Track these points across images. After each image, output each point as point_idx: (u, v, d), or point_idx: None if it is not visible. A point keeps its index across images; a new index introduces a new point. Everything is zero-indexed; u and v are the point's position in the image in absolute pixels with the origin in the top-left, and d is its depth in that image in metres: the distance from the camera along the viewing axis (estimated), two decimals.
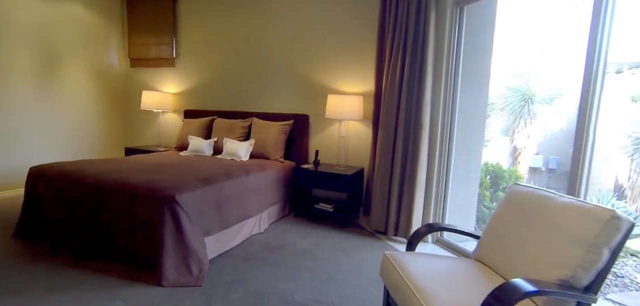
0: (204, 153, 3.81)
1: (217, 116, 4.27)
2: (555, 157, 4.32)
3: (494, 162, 3.84)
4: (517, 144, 4.56)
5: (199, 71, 4.54)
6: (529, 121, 4.47)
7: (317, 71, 3.81)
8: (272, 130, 3.71)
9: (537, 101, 4.38)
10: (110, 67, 4.85)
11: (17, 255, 2.41)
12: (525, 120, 4.47)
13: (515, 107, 4.47)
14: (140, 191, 2.27)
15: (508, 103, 4.56)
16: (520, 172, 3.98)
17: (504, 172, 3.60)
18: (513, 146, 4.61)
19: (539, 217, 1.45)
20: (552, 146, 4.46)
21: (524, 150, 4.55)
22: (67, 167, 2.71)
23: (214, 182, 2.57)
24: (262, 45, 4.09)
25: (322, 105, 3.76)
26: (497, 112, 4.71)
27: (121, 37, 4.97)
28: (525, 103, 4.45)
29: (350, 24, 3.59)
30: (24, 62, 3.87)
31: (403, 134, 2.93)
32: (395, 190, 2.98)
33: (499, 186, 3.53)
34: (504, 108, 4.63)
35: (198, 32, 4.49)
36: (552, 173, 4.47)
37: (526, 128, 4.50)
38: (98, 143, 4.76)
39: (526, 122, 4.44)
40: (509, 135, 4.64)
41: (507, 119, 4.61)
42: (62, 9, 4.20)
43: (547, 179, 4.50)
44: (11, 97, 3.78)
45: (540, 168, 4.52)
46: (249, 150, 3.65)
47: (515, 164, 4.52)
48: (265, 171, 3.23)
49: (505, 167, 3.94)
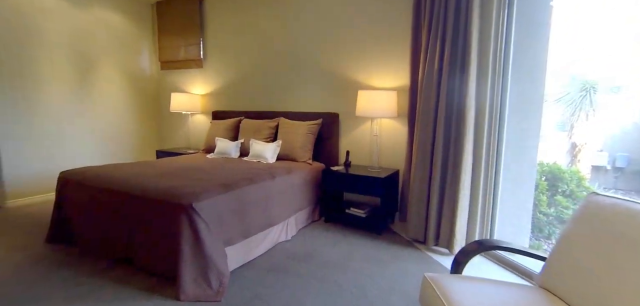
0: (230, 156, 3.70)
1: (244, 117, 4.16)
2: (624, 154, 3.73)
3: (550, 161, 3.37)
4: (577, 140, 4.01)
5: (226, 71, 4.45)
6: (590, 113, 3.90)
7: (347, 66, 3.56)
8: (300, 131, 3.51)
9: (602, 90, 3.81)
10: (142, 71, 4.92)
11: (46, 260, 2.40)
12: (587, 112, 3.90)
13: (573, 97, 3.92)
14: (159, 198, 2.16)
15: (565, 94, 4.02)
16: (583, 172, 3.45)
17: (563, 173, 3.12)
18: (571, 142, 4.06)
19: (633, 239, 1.10)
20: (619, 141, 3.86)
21: (585, 147, 3.98)
22: (93, 172, 2.68)
23: (236, 188, 2.40)
24: (289, 41, 3.90)
25: (352, 102, 3.50)
26: (550, 104, 4.17)
27: (152, 40, 5.02)
28: (586, 93, 3.89)
29: (381, 12, 3.29)
30: (61, 68, 3.99)
31: (443, 132, 2.60)
32: (435, 194, 2.66)
33: (557, 189, 3.07)
34: (560, 100, 4.08)
35: (224, 31, 4.40)
36: (620, 172, 3.87)
37: (587, 121, 3.93)
38: (131, 146, 4.84)
39: (588, 114, 3.88)
40: (566, 130, 4.09)
41: (563, 112, 4.07)
42: (96, 16, 4.29)
43: (613, 179, 3.91)
44: (49, 102, 3.90)
45: (605, 166, 3.94)
46: (275, 152, 3.48)
47: (574, 162, 3.97)
48: (292, 174, 3.03)
49: (564, 166, 3.44)
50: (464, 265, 1.44)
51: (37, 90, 3.79)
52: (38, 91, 3.80)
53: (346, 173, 3.13)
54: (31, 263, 2.37)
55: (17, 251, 2.55)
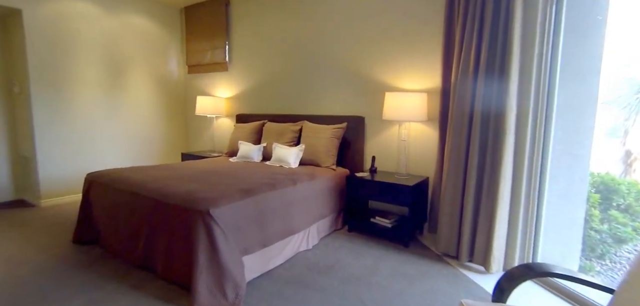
0: (252, 160, 3.63)
1: (267, 120, 4.09)
2: None
3: (601, 171, 3.01)
4: (632, 147, 3.59)
5: (251, 74, 4.41)
6: None
7: (374, 66, 3.39)
8: (324, 135, 3.38)
9: None
10: (170, 75, 4.99)
11: (69, 261, 2.41)
12: None
13: (628, 99, 3.51)
14: (176, 203, 2.10)
15: (617, 97, 3.61)
16: None
17: (619, 184, 2.77)
18: (625, 150, 3.64)
19: None
20: None
21: None
22: (116, 175, 2.68)
23: (255, 194, 2.30)
24: (314, 42, 3.79)
25: (379, 105, 3.33)
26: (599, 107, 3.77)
27: (180, 45, 5.09)
28: None
29: (411, 8, 3.10)
30: (94, 72, 4.10)
31: (479, 137, 2.37)
32: (469, 204, 2.43)
33: (611, 202, 2.72)
34: (610, 102, 3.68)
35: (249, 34, 4.37)
36: None
37: None
38: (158, 148, 4.92)
39: None
40: (619, 136, 3.67)
41: (616, 116, 3.66)
42: (128, 21, 4.39)
43: None
44: (82, 105, 4.02)
45: None
46: (298, 157, 3.36)
47: (629, 173, 3.56)
48: (315, 180, 2.90)
49: (618, 177, 3.07)
50: (510, 292, 1.24)
51: (72, 93, 3.92)
52: (72, 94, 3.92)
53: (371, 180, 2.96)
54: (55, 263, 2.38)
55: (43, 251, 2.59)
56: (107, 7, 4.18)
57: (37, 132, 3.67)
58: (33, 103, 3.63)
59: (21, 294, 2.01)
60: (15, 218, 3.33)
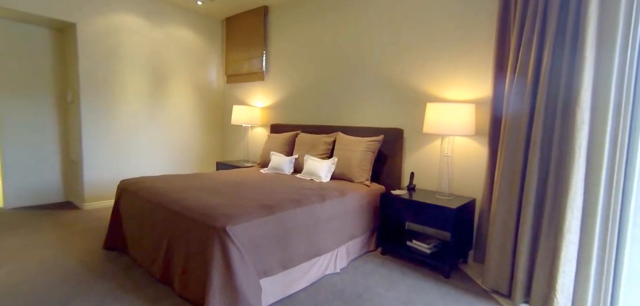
0: (283, 172, 3.49)
1: (301, 131, 3.95)
2: None
3: None
4: None
5: (287, 83, 4.32)
6: None
7: (414, 75, 3.10)
8: (358, 147, 3.15)
9: None
10: (210, 84, 5.08)
11: (96, 268, 2.41)
12: None
13: None
14: (194, 217, 1.99)
15: None
16: None
17: None
18: None
19: None
20: None
21: None
22: (145, 183, 2.67)
23: (278, 211, 2.13)
24: (351, 50, 3.60)
25: (419, 116, 3.04)
26: None
27: (220, 55, 5.17)
28: None
29: (457, 10, 2.79)
30: (137, 81, 4.27)
31: (539, 155, 2.00)
32: (526, 234, 2.05)
33: None
34: None
35: (286, 43, 4.29)
36: None
37: None
38: (194, 157, 4.99)
39: None
40: None
41: None
42: (171, 33, 4.54)
43: None
44: (125, 113, 4.18)
45: None
46: (330, 170, 3.16)
47: None
48: (346, 196, 2.68)
49: None
50: None
51: (117, 101, 4.09)
52: (117, 102, 4.10)
53: (409, 199, 2.66)
54: (82, 270, 2.40)
55: (74, 255, 2.63)
56: (154, 20, 4.34)
57: (85, 137, 3.87)
58: (82, 111, 3.83)
59: (42, 300, 2.01)
60: (59, 219, 3.50)
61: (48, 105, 4.08)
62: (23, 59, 3.86)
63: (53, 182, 4.17)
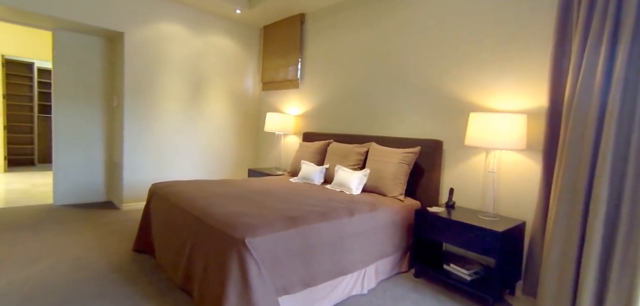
0: (313, 182, 3.37)
1: (333, 140, 3.82)
2: None
3: None
4: None
5: (320, 91, 4.22)
6: None
7: (456, 82, 2.85)
8: (392, 159, 2.94)
9: None
10: (246, 91, 5.13)
11: (123, 271, 2.43)
12: None
13: None
14: (215, 225, 1.91)
15: None
16: None
17: None
18: None
19: None
20: None
21: None
22: (175, 188, 2.68)
23: (302, 223, 2.00)
24: (388, 58, 3.42)
25: (461, 127, 2.78)
26: None
27: (257, 62, 5.21)
28: None
29: (506, 11, 2.52)
30: (177, 88, 4.40)
31: (610, 172, 1.70)
32: (591, 269, 1.74)
33: None
34: None
35: (321, 51, 4.21)
36: None
37: None
38: (228, 162, 5.04)
39: None
40: None
41: None
42: (211, 41, 4.65)
43: None
44: (164, 118, 4.32)
45: None
46: (362, 182, 2.98)
47: None
48: (377, 211, 2.49)
49: None
50: None
51: (157, 107, 4.24)
52: (157, 107, 4.24)
53: (448, 218, 2.41)
54: (109, 271, 2.42)
55: (105, 255, 2.69)
56: (195, 29, 4.47)
57: (126, 141, 4.03)
58: (125, 115, 4.00)
59: (67, 300, 2.03)
60: (98, 219, 3.64)
61: (96, 110, 4.32)
62: (78, 66, 4.14)
63: (97, 182, 4.40)
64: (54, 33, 3.98)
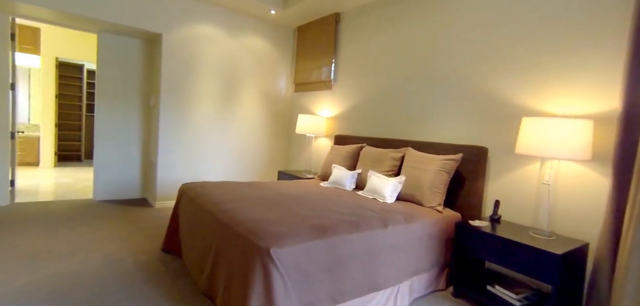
0: (344, 187, 3.21)
1: (366, 144, 3.64)
2: None
3: None
4: None
5: (354, 93, 4.06)
6: None
7: (505, 82, 2.58)
8: (430, 166, 2.71)
9: None
10: (278, 93, 5.08)
11: (149, 271, 2.42)
12: None
13: None
14: (241, 231, 1.82)
15: None
16: None
17: None
18: None
19: None
20: None
21: None
22: (202, 189, 2.63)
23: (332, 234, 1.85)
24: (426, 57, 3.20)
25: (510, 133, 2.50)
26: None
27: (290, 63, 5.15)
28: None
29: (563, 3, 2.22)
30: (210, 88, 4.43)
31: None
32: None
33: None
34: None
35: (356, 51, 4.05)
36: None
37: None
38: (258, 164, 5.00)
39: None
40: None
41: None
42: (245, 42, 4.64)
43: None
44: (197, 118, 4.36)
45: None
46: (396, 190, 2.78)
47: None
48: (413, 222, 2.28)
49: None
50: None
51: (191, 107, 4.29)
52: (192, 107, 4.29)
53: (493, 234, 2.15)
54: (135, 270, 2.42)
55: (134, 253, 2.70)
56: (230, 30, 4.48)
57: (161, 139, 4.10)
58: (161, 114, 4.08)
59: (91, 298, 2.03)
60: (132, 216, 3.72)
61: (135, 109, 4.45)
62: (119, 67, 4.29)
63: (133, 179, 4.53)
64: (99, 35, 4.14)
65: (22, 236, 2.88)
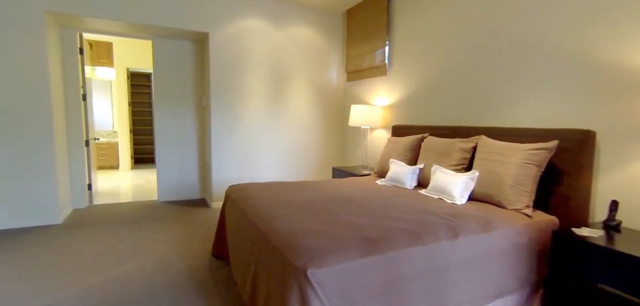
0: (403, 185, 2.80)
1: (428, 133, 3.17)
2: None
3: None
4: None
5: (414, 76, 3.58)
6: None
7: (620, 41, 1.93)
8: (513, 158, 2.18)
9: None
10: (329, 83, 4.78)
11: (196, 279, 2.32)
12: None
13: None
14: (278, 244, 1.56)
15: None
16: None
17: None
18: None
19: None
20: None
21: None
22: (247, 192, 2.46)
23: (387, 248, 1.50)
24: (504, 23, 2.61)
25: (629, 112, 1.86)
26: None
27: (340, 51, 4.82)
28: None
29: None
30: (259, 84, 4.31)
31: None
32: None
33: None
34: None
35: (414, 29, 3.56)
36: None
37: None
38: (312, 160, 4.78)
39: None
40: None
41: None
42: (292, 33, 4.44)
43: None
44: (247, 115, 4.27)
45: None
46: (468, 188, 2.30)
47: None
48: (492, 231, 1.82)
49: None
50: None
51: (241, 105, 4.22)
52: (241, 105, 4.22)
53: (610, 248, 1.59)
54: (184, 278, 2.34)
55: (185, 259, 2.65)
56: (276, 22, 4.31)
57: (213, 139, 4.10)
58: (211, 114, 4.07)
59: (138, 305, 1.97)
60: (189, 217, 3.76)
61: (190, 111, 4.54)
62: (173, 70, 4.39)
63: (192, 180, 4.63)
64: (153, 41, 4.27)
65: (91, 239, 3.03)
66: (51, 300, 2.04)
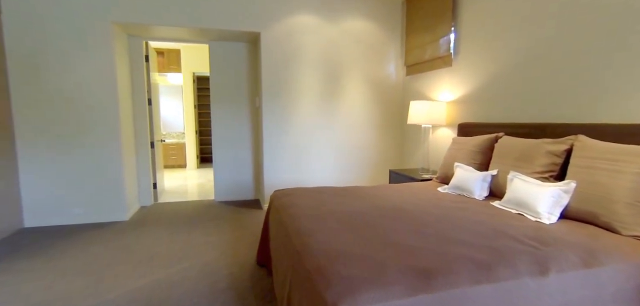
0: (470, 194, 2.35)
1: (504, 132, 2.65)
2: None
3: None
4: None
5: (484, 65, 3.06)
6: None
7: None
8: (629, 165, 1.64)
9: None
10: (387, 78, 4.41)
11: (237, 289, 2.21)
12: None
13: None
14: (310, 268, 1.32)
15: None
16: None
17: None
18: None
19: None
20: None
21: None
22: (290, 198, 2.27)
23: (444, 285, 1.16)
24: None
25: None
26: None
27: (399, 43, 4.41)
28: None
29: None
30: (312, 82, 4.12)
31: None
32: None
33: None
34: None
35: (485, 10, 3.03)
36: None
37: None
38: (368, 162, 4.44)
39: None
40: None
41: None
42: (346, 27, 4.17)
43: None
44: (300, 115, 4.12)
45: None
46: (559, 203, 1.80)
47: None
48: (600, 266, 1.35)
49: None
50: None
51: (293, 104, 4.08)
52: (294, 105, 4.08)
53: None
54: (226, 286, 2.23)
55: (230, 265, 2.56)
56: (328, 16, 4.09)
57: (265, 140, 4.03)
58: (263, 114, 4.00)
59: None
60: (242, 218, 3.74)
61: (244, 111, 4.55)
62: (228, 72, 4.44)
63: (247, 180, 4.65)
64: (210, 45, 4.36)
65: (147, 239, 3.13)
66: (98, 300, 2.08)
